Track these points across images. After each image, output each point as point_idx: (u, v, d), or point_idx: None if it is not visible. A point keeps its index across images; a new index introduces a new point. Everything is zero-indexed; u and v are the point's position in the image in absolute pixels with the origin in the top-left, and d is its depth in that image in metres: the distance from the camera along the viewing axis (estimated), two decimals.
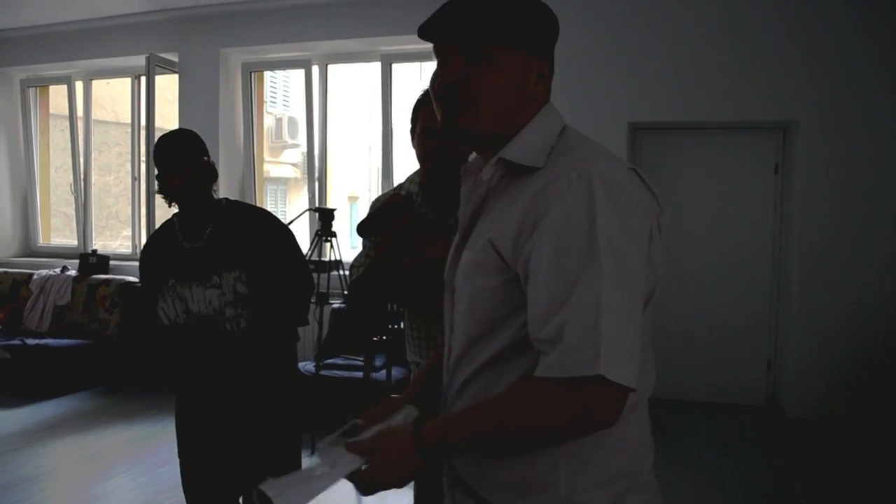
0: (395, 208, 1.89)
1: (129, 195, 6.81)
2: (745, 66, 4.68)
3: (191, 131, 2.31)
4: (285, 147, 11.74)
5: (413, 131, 2.02)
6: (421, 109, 1.97)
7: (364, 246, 2.12)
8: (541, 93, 1.18)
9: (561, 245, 1.02)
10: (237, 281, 2.24)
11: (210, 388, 2.28)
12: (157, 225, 2.42)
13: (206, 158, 2.27)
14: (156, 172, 2.23)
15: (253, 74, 6.24)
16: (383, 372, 4.38)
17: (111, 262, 6.36)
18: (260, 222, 2.35)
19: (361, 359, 4.68)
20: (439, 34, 1.17)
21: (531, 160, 1.13)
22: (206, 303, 2.24)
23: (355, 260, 2.13)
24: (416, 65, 6.34)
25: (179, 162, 2.20)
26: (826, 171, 4.67)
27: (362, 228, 1.94)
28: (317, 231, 5.00)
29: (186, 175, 2.21)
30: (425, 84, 1.39)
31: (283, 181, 12.92)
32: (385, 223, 1.89)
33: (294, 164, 12.84)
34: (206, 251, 2.26)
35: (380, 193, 14.05)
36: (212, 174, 2.29)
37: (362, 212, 14.93)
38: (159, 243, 2.35)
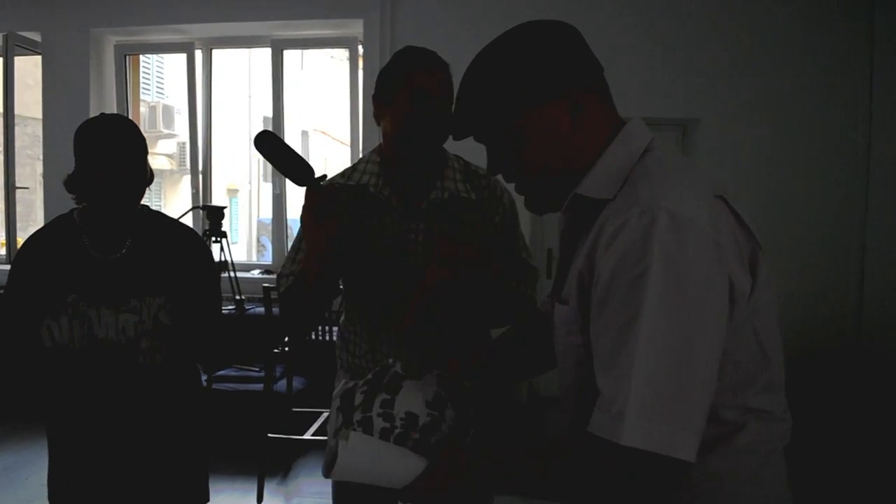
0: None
1: None
2: (646, 67, 4.63)
3: (131, 120, 1.91)
4: (160, 137, 11.08)
5: (378, 97, 1.77)
6: (413, 71, 1.71)
7: (293, 248, 1.84)
8: (585, 121, 1.08)
9: (610, 294, 0.95)
10: (161, 309, 1.87)
11: (108, 428, 1.88)
12: (20, 224, 1.99)
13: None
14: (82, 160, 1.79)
15: (128, 58, 5.69)
16: (283, 383, 4.06)
17: None
18: (188, 243, 1.99)
19: (256, 369, 4.35)
20: (460, 136, 1.15)
21: (601, 192, 1.05)
22: (117, 329, 1.84)
23: (283, 268, 1.85)
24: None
25: (127, 150, 1.80)
26: (723, 167, 4.65)
27: (261, 141, 1.59)
28: (205, 231, 4.60)
29: (129, 168, 1.80)
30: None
31: (157, 173, 12.13)
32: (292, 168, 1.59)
33: (169, 156, 12.13)
34: (123, 267, 1.88)
35: (261, 184, 13.40)
36: (151, 176, 1.92)
37: (243, 206, 14.35)
38: (55, 245, 1.91)
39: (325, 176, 1.61)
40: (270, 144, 1.60)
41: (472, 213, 1.81)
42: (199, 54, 5.53)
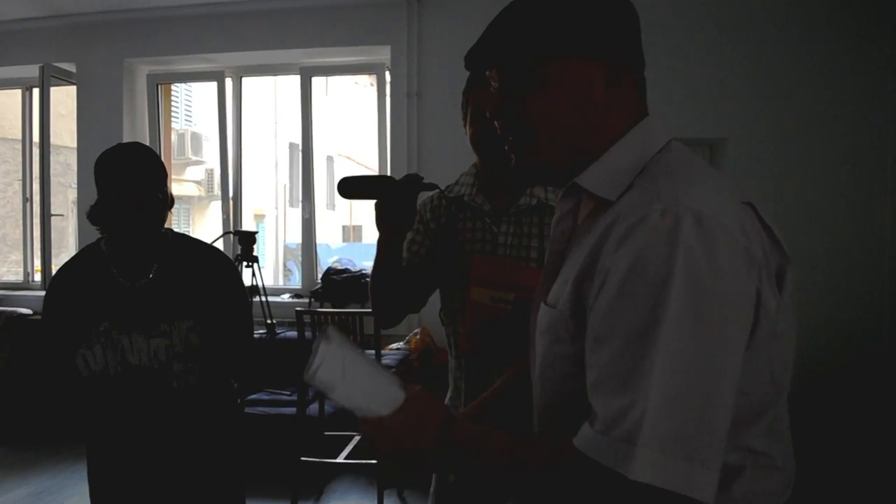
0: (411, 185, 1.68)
1: (19, 217, 6.22)
2: (674, 86, 4.63)
3: (149, 147, 1.96)
4: (188, 164, 11.21)
5: (465, 116, 1.86)
6: (471, 90, 1.81)
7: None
8: (617, 99, 0.97)
9: (620, 299, 0.82)
10: (191, 332, 1.89)
11: (148, 454, 1.91)
12: (53, 250, 2.04)
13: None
14: (100, 190, 1.84)
15: (160, 87, 5.80)
16: (315, 406, 4.08)
17: None
18: (214, 263, 2.02)
19: (288, 392, 4.37)
20: (479, 61, 1.02)
21: (606, 190, 0.93)
22: (149, 355, 1.86)
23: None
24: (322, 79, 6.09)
25: (147, 181, 1.84)
26: (750, 186, 4.64)
27: (346, 187, 1.69)
28: (236, 255, 4.65)
29: (149, 195, 1.85)
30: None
31: (186, 200, 12.32)
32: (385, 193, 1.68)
33: (197, 182, 12.27)
34: (151, 292, 1.90)
35: (287, 209, 13.50)
36: (171, 200, 1.95)
37: (270, 231, 14.48)
38: (85, 276, 1.94)
39: (416, 174, 1.70)
40: (351, 187, 1.68)
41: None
42: (229, 82, 5.63)
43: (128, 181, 1.81)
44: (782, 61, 4.62)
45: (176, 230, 2.11)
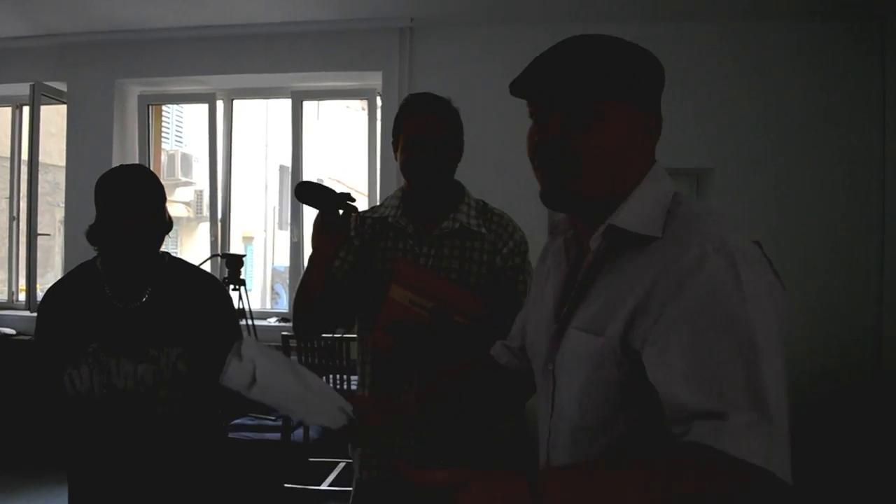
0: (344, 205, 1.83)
1: (5, 236, 6.17)
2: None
3: (150, 169, 1.99)
4: (177, 185, 11.18)
5: (395, 143, 1.96)
6: (405, 118, 1.92)
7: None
8: (647, 149, 1.11)
9: (705, 323, 0.93)
10: (179, 359, 1.87)
11: (129, 477, 1.87)
12: (39, 270, 2.03)
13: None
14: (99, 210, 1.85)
15: (150, 108, 5.80)
16: (300, 432, 4.04)
17: None
18: (208, 291, 2.02)
19: (272, 418, 4.33)
20: (539, 90, 1.09)
21: (646, 228, 1.04)
22: (136, 379, 1.84)
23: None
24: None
25: (143, 198, 1.83)
26: (736, 216, 4.67)
27: (302, 192, 1.85)
28: (224, 278, 4.63)
29: (148, 215, 1.84)
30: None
31: (174, 220, 12.24)
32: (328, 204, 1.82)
33: (186, 203, 12.24)
34: (142, 316, 1.89)
35: (276, 232, 13.50)
36: (170, 224, 1.94)
37: (258, 254, 14.44)
38: (77, 294, 1.93)
39: (348, 194, 1.81)
40: (306, 191, 1.83)
41: (479, 242, 1.96)
42: (220, 104, 5.63)
43: (129, 201, 1.81)
44: (767, 91, 4.68)
45: (165, 251, 2.10)
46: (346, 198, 1.80)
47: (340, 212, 1.82)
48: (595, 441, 1.06)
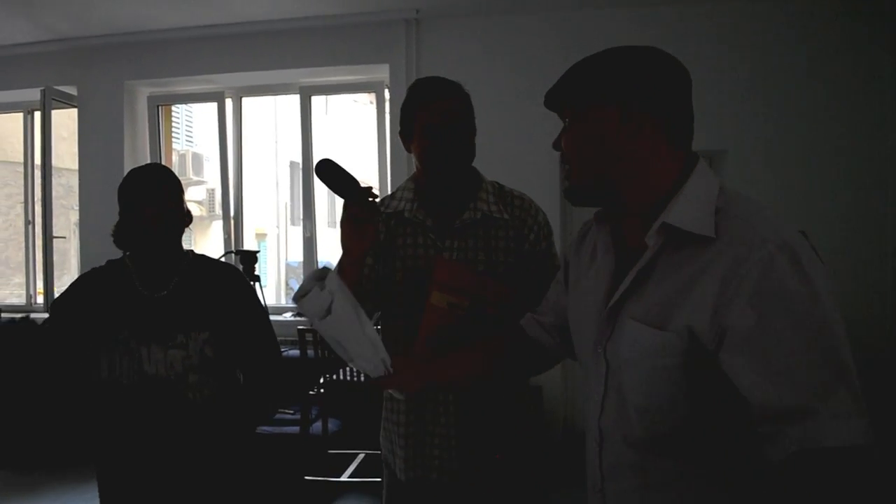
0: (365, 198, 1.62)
1: (21, 240, 6.23)
2: None
3: (167, 167, 2.05)
4: (189, 184, 11.24)
5: (403, 133, 1.88)
6: (419, 105, 1.83)
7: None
8: (644, 142, 1.15)
9: (787, 316, 0.99)
10: (206, 343, 1.93)
11: (159, 465, 1.91)
12: (56, 273, 2.08)
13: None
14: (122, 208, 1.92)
15: (160, 108, 5.84)
16: (319, 425, 4.07)
17: (1, 315, 5.76)
18: (231, 280, 2.06)
19: (291, 412, 4.36)
20: (550, 104, 1.25)
21: (700, 227, 1.09)
22: (166, 365, 1.90)
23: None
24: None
25: (162, 193, 1.91)
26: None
27: (323, 170, 1.59)
28: None
29: (168, 209, 1.91)
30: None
31: None
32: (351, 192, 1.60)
33: (199, 202, 12.30)
34: (169, 304, 1.95)
35: (288, 228, 13.46)
36: (189, 217, 2.01)
37: (272, 250, 14.50)
38: (107, 285, 1.99)
39: (370, 188, 1.64)
40: (328, 170, 1.60)
41: (503, 230, 1.89)
42: (229, 103, 5.66)
43: (157, 199, 1.90)
44: (781, 72, 4.65)
45: (189, 248, 2.15)
46: (368, 193, 1.62)
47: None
48: (661, 421, 1.13)
